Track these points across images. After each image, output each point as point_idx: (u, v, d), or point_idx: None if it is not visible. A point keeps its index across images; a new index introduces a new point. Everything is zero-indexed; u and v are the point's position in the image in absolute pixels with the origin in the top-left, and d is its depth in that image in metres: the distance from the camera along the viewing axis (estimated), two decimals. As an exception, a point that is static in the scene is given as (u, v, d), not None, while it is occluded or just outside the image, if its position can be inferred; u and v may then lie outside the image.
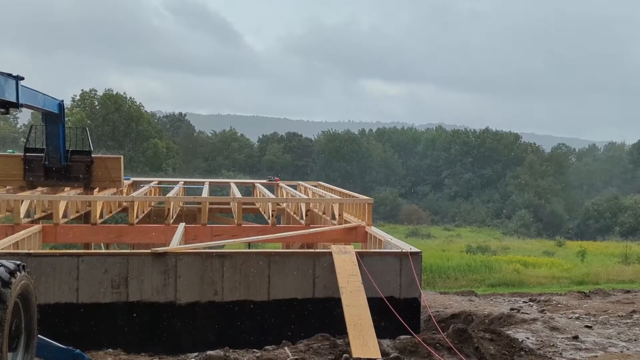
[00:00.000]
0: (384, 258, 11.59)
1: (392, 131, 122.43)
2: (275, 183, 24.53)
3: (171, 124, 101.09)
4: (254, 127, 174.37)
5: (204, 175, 71.97)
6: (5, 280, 6.75)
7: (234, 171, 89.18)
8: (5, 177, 17.58)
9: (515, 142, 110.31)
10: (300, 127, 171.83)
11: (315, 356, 9.10)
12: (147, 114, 75.90)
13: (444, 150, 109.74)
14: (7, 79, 10.50)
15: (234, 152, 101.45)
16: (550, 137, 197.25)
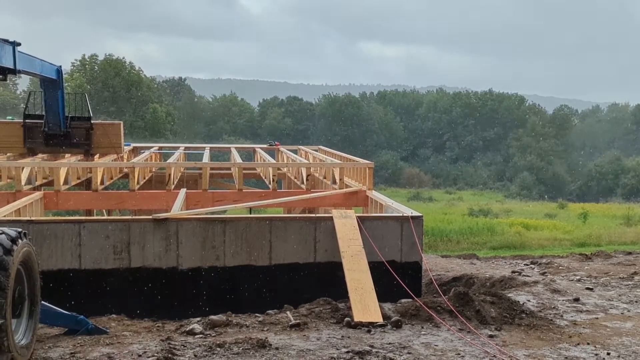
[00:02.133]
0: (385, 222, 11.61)
1: (393, 94, 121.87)
2: (275, 148, 24.49)
3: (171, 88, 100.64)
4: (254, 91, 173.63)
5: (204, 140, 71.90)
6: (7, 247, 6.78)
7: (235, 136, 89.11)
8: (5, 144, 17.55)
9: (520, 104, 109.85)
10: (300, 90, 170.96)
11: (317, 320, 9.16)
12: (146, 78, 75.54)
13: (445, 112, 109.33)
14: (4, 44, 10.41)
15: (234, 116, 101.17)
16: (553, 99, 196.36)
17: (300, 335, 8.51)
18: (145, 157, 19.94)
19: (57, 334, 8.64)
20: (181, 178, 19.91)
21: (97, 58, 71.36)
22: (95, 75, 69.36)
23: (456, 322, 9.03)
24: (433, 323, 9.01)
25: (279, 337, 8.44)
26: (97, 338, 8.48)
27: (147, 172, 19.17)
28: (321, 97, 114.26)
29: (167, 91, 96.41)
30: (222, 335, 8.56)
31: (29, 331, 7.40)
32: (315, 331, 8.70)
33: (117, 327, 9.21)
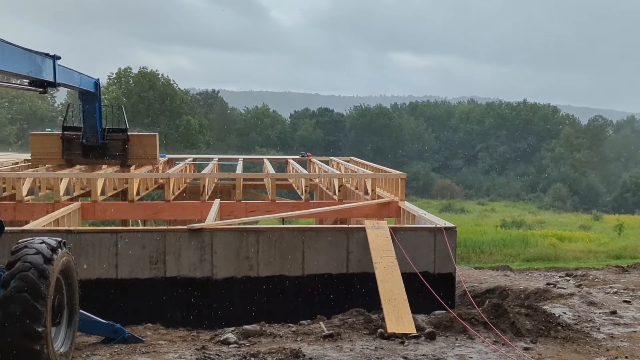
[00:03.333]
0: (418, 233, 11.59)
1: (424, 105, 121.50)
2: (307, 159, 24.60)
3: (204, 100, 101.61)
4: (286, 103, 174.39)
5: (237, 151, 72.36)
6: (47, 256, 6.91)
7: (267, 147, 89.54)
8: (45, 156, 17.94)
9: (554, 114, 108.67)
10: (331, 102, 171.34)
11: (350, 331, 9.17)
12: (180, 91, 76.43)
13: (477, 123, 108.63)
14: (45, 58, 10.66)
15: (266, 128, 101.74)
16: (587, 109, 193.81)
17: (333, 346, 8.53)
18: (180, 168, 20.18)
19: (94, 343, 8.78)
20: (215, 189, 20.12)
21: (131, 71, 72.51)
22: (130, 88, 70.43)
23: (491, 334, 8.97)
24: (467, 335, 8.96)
25: (312, 347, 8.47)
26: (133, 347, 8.59)
27: (181, 183, 19.41)
28: (352, 108, 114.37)
29: (201, 103, 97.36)
30: (256, 345, 8.62)
31: (67, 339, 7.51)
32: (349, 342, 8.72)
33: (152, 336, 9.32)
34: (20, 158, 20.80)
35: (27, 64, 9.73)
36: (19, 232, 9.96)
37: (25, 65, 9.64)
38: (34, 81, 10.63)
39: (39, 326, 6.59)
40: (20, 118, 73.50)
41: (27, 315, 6.55)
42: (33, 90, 11.27)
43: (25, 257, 6.79)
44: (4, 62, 8.56)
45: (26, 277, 6.65)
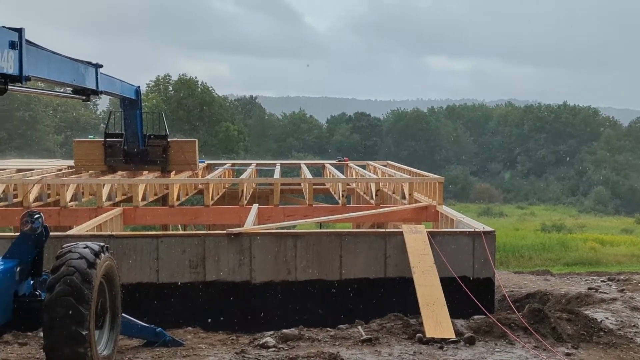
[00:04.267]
0: (457, 237, 11.53)
1: (461, 108, 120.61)
2: (344, 163, 24.64)
3: (242, 107, 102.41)
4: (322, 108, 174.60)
5: (274, 156, 72.77)
6: (91, 261, 7.03)
7: (304, 152, 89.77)
8: (88, 162, 18.31)
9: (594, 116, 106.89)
10: (368, 106, 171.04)
11: (389, 335, 9.17)
12: (218, 97, 77.14)
13: (516, 126, 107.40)
14: (88, 67, 10.89)
15: (303, 133, 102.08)
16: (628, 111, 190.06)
17: (372, 351, 8.53)
18: (219, 174, 20.40)
19: (136, 346, 8.92)
20: (253, 194, 20.26)
21: (170, 78, 73.43)
22: (170, 95, 71.32)
23: (531, 340, 8.88)
24: (507, 340, 8.89)
25: (350, 351, 8.49)
26: (174, 350, 8.71)
27: (220, 188, 19.60)
28: (389, 113, 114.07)
29: (239, 109, 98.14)
30: (295, 349, 8.67)
31: (110, 342, 7.63)
32: (387, 346, 8.71)
33: (193, 340, 9.44)
34: (64, 165, 21.24)
35: (71, 72, 9.96)
36: (63, 237, 10.18)
37: (69, 74, 9.87)
38: (77, 89, 10.87)
39: (83, 329, 6.72)
40: (64, 126, 75.07)
41: (71, 318, 6.68)
42: (76, 98, 11.52)
43: (70, 262, 6.93)
44: (49, 72, 8.78)
45: (70, 282, 6.78)
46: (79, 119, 76.52)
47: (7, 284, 6.95)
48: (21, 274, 7.21)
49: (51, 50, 8.86)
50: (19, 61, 7.49)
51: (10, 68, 7.30)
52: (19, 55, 7.47)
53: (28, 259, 7.29)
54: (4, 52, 7.15)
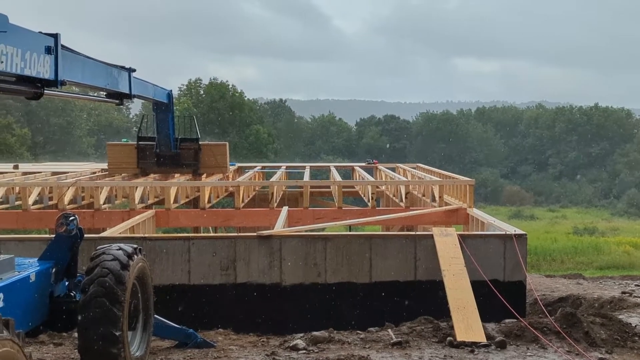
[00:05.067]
0: (487, 240, 11.46)
1: (491, 110, 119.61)
2: (374, 166, 24.63)
3: (272, 110, 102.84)
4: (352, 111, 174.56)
5: (304, 159, 72.97)
6: (124, 262, 7.13)
7: (333, 155, 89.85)
8: (121, 165, 18.57)
9: (627, 118, 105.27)
10: (397, 109, 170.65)
11: (419, 339, 9.15)
12: (248, 101, 77.59)
13: (547, 128, 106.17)
14: (121, 71, 11.03)
15: (332, 136, 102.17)
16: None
17: (402, 354, 8.52)
18: (249, 176, 20.52)
19: (168, 347, 9.02)
20: (283, 196, 20.35)
21: (201, 82, 74.10)
22: (201, 99, 71.92)
23: (564, 344, 8.80)
24: (539, 344, 8.82)
25: (380, 354, 8.49)
26: (205, 351, 8.80)
27: (251, 191, 19.72)
28: (418, 115, 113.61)
29: (269, 112, 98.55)
30: (325, 351, 8.69)
31: (143, 343, 7.73)
32: (417, 350, 8.70)
33: (224, 341, 9.52)
34: (97, 168, 21.55)
35: (105, 77, 10.11)
36: (97, 239, 10.33)
37: (103, 78, 10.02)
38: (110, 93, 11.01)
39: (117, 330, 6.82)
40: (98, 129, 76.16)
41: (105, 319, 6.79)
42: (110, 102, 11.69)
43: (104, 264, 7.04)
44: (83, 76, 8.92)
45: (104, 283, 6.89)
46: (112, 123, 77.59)
47: (44, 285, 7.09)
48: (57, 275, 7.34)
49: (85, 54, 9.00)
50: (55, 66, 7.62)
51: (46, 73, 7.44)
52: (55, 60, 7.60)
53: (63, 260, 7.41)
54: (40, 57, 7.29)
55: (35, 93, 7.52)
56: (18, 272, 6.67)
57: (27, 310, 6.74)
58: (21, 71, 6.88)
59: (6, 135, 53.63)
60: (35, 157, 54.77)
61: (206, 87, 73.18)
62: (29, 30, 7.16)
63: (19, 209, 15.20)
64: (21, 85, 7.25)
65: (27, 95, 7.58)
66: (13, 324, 4.80)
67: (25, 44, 6.90)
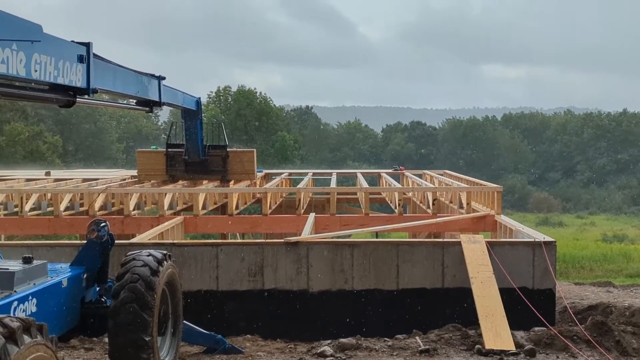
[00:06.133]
0: (516, 247, 11.38)
1: (518, 116, 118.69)
2: (400, 172, 24.55)
3: (298, 117, 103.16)
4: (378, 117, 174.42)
5: (330, 166, 72.99)
6: (154, 268, 7.20)
7: (359, 161, 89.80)
8: (150, 172, 18.77)
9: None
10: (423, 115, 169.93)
11: (447, 346, 9.11)
12: (275, 108, 77.93)
13: (575, 134, 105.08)
14: (151, 79, 11.15)
15: (358, 142, 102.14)
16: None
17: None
18: (276, 183, 20.59)
19: (196, 352, 9.10)
20: (310, 203, 20.39)
21: (230, 89, 74.66)
22: (229, 106, 72.42)
23: (594, 353, 8.71)
24: (569, 353, 8.74)
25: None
26: (233, 357, 8.86)
27: (278, 197, 19.79)
28: (444, 121, 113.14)
29: (295, 119, 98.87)
30: (352, 358, 8.71)
31: (172, 349, 7.79)
32: (445, 357, 8.67)
33: (251, 347, 9.57)
34: (127, 174, 21.80)
35: (135, 84, 10.24)
36: (127, 245, 10.44)
37: (133, 86, 10.15)
38: (141, 101, 11.15)
39: (147, 335, 6.88)
40: (127, 137, 77.03)
41: (135, 324, 6.86)
42: (139, 109, 11.83)
43: (134, 269, 7.12)
44: (114, 84, 9.05)
45: (134, 289, 6.96)
46: (141, 130, 78.45)
47: (75, 291, 7.18)
48: (88, 281, 7.44)
49: (116, 63, 9.13)
50: (87, 74, 7.74)
51: (78, 81, 7.56)
52: (87, 69, 7.73)
53: (94, 266, 7.50)
54: (73, 65, 7.41)
55: (68, 101, 7.65)
56: (51, 278, 6.76)
57: (59, 315, 6.83)
58: (54, 79, 7.00)
59: (38, 142, 54.50)
60: (66, 164, 55.59)
61: (234, 94, 73.69)
62: (62, 40, 7.30)
63: (51, 215, 15.43)
64: (54, 94, 7.38)
65: (60, 103, 7.71)
66: (47, 329, 4.87)
67: (58, 53, 7.03)
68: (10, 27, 6.09)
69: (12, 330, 4.38)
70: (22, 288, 6.12)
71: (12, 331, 4.38)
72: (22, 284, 6.16)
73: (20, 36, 6.15)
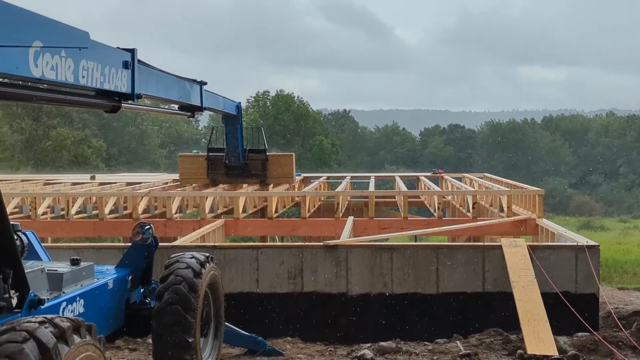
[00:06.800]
0: (558, 252, 11.25)
1: (559, 118, 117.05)
2: (439, 175, 24.42)
3: (336, 121, 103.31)
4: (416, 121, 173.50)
5: (367, 169, 72.92)
6: (197, 271, 7.29)
7: (396, 165, 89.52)
8: (192, 176, 19.07)
9: None
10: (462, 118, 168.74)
11: (488, 351, 9.06)
12: (313, 112, 78.18)
13: (618, 137, 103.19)
14: (193, 84, 11.30)
15: (396, 146, 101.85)
16: None
17: (471, 366, 8.46)
18: (315, 187, 20.67)
19: (237, 354, 9.19)
20: (348, 206, 20.42)
21: (268, 94, 75.17)
22: (267, 110, 72.92)
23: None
24: (614, 359, 8.60)
25: (450, 366, 8.44)
26: (274, 359, 8.92)
27: (316, 201, 19.86)
28: (483, 124, 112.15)
29: (333, 123, 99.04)
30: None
31: (214, 350, 7.88)
32: (487, 362, 8.61)
33: (291, 350, 9.63)
34: (169, 178, 22.14)
35: (178, 90, 10.39)
36: (170, 248, 10.60)
37: (176, 92, 10.30)
38: (183, 106, 11.32)
39: (190, 336, 6.98)
40: (168, 141, 78.04)
41: (179, 326, 6.95)
42: (182, 114, 12.00)
43: (177, 272, 7.23)
44: (157, 89, 9.20)
45: (178, 290, 7.06)
46: (182, 135, 79.44)
47: (121, 292, 7.32)
48: (133, 283, 7.56)
49: (159, 68, 9.28)
50: (132, 80, 7.88)
51: (123, 87, 7.70)
52: (132, 75, 7.87)
53: (139, 268, 7.63)
54: (118, 71, 7.56)
55: (113, 106, 7.79)
56: (97, 279, 6.89)
57: (106, 316, 6.96)
58: (101, 85, 7.14)
59: (83, 147, 55.59)
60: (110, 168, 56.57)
61: (272, 98, 74.18)
62: (108, 46, 7.45)
63: (96, 217, 15.74)
64: (100, 99, 7.52)
65: (106, 109, 7.87)
66: (95, 329, 4.97)
67: (104, 59, 7.17)
68: (59, 34, 6.23)
69: (62, 330, 4.45)
70: (71, 289, 6.25)
71: (63, 331, 4.45)
72: (70, 285, 6.28)
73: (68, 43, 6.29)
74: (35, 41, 5.70)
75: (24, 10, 5.65)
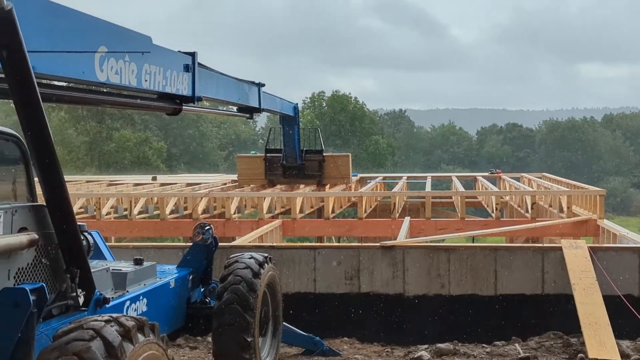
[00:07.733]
0: (621, 253, 10.98)
1: (620, 117, 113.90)
2: (497, 176, 24.12)
3: (392, 120, 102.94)
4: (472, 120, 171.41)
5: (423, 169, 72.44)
6: (256, 271, 7.36)
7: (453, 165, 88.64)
8: (250, 177, 19.33)
9: None
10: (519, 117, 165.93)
11: (548, 354, 8.92)
12: (369, 112, 78.11)
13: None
14: (251, 86, 11.46)
15: (452, 145, 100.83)
16: None
17: (531, 369, 8.34)
18: (371, 187, 20.68)
19: (295, 354, 9.26)
20: (404, 206, 20.36)
21: (324, 95, 75.45)
22: (324, 111, 73.17)
23: None
24: (679, 364, 8.38)
25: (509, 369, 8.35)
26: (331, 359, 8.96)
27: (373, 201, 19.87)
28: (542, 123, 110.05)
29: (388, 123, 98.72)
30: (450, 363, 8.65)
31: (272, 350, 7.95)
32: (547, 365, 8.49)
33: (349, 350, 9.66)
34: (228, 179, 22.47)
35: (237, 92, 10.56)
36: (229, 248, 10.77)
37: (235, 94, 10.47)
38: (241, 108, 11.48)
39: (249, 336, 7.06)
40: (227, 142, 79.13)
41: (238, 325, 7.04)
42: (240, 116, 12.19)
43: (237, 272, 7.32)
44: (217, 92, 9.37)
45: (237, 290, 7.15)
46: (240, 136, 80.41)
47: (182, 291, 7.47)
48: (193, 282, 7.71)
49: (219, 71, 9.44)
50: (192, 83, 8.05)
51: (185, 90, 7.88)
52: (192, 78, 8.04)
53: (199, 267, 7.77)
54: (179, 75, 7.73)
55: (175, 109, 7.97)
56: (159, 279, 7.05)
57: (168, 314, 7.11)
58: (163, 88, 7.32)
59: (145, 148, 56.84)
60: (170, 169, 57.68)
61: (328, 99, 74.40)
62: (170, 50, 7.63)
63: (157, 218, 16.09)
64: (162, 102, 7.71)
65: (167, 111, 8.06)
66: (158, 328, 5.07)
67: (166, 63, 7.35)
68: (123, 39, 6.40)
69: (127, 329, 4.53)
70: (134, 288, 6.40)
71: (128, 330, 4.53)
72: (133, 284, 6.44)
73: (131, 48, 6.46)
74: (101, 46, 5.87)
75: (90, 17, 5.82)
